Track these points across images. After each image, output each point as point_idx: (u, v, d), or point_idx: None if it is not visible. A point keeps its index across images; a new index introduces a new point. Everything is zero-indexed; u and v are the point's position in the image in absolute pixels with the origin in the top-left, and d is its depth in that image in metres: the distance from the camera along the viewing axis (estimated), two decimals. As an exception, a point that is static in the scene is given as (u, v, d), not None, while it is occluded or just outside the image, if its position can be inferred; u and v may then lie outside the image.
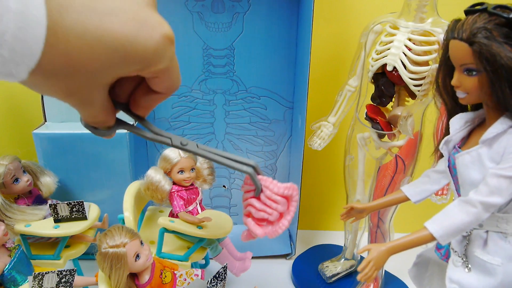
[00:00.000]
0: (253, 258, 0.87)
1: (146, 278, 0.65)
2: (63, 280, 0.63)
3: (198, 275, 0.69)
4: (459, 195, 0.56)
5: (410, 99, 0.73)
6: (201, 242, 0.77)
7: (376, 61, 0.71)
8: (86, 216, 0.78)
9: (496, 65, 0.44)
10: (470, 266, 0.54)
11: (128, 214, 0.74)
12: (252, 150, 1.03)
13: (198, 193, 0.81)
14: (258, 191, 0.41)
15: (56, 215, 0.76)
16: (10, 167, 0.76)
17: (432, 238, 0.50)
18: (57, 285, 0.62)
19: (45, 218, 0.78)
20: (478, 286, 0.52)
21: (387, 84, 0.72)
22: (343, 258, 0.93)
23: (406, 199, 0.63)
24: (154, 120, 0.99)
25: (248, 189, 0.43)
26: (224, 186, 1.06)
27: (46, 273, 0.62)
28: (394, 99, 0.74)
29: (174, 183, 0.79)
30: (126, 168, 0.88)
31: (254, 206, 0.42)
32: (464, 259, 0.54)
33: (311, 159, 1.02)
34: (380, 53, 0.70)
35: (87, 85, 0.25)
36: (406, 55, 0.66)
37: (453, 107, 0.56)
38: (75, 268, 0.64)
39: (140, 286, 0.65)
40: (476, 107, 0.55)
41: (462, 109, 0.56)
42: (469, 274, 0.53)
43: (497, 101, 0.47)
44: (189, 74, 0.94)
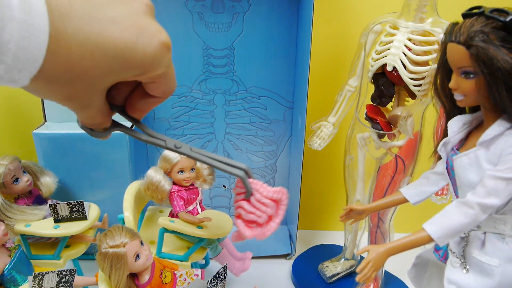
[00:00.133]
0: (253, 258, 0.87)
1: (146, 278, 0.65)
2: (63, 280, 0.63)
3: (198, 275, 0.69)
4: (457, 197, 0.56)
5: (410, 99, 0.73)
6: (201, 242, 0.77)
7: (376, 61, 0.71)
8: (86, 216, 0.78)
9: (493, 68, 0.45)
10: (468, 267, 0.54)
11: (128, 214, 0.74)
12: (252, 150, 1.03)
13: (198, 193, 0.81)
14: (248, 194, 0.43)
15: (56, 215, 0.76)
16: (10, 167, 0.76)
17: (430, 240, 0.51)
18: (57, 285, 0.63)
19: (45, 218, 0.78)
20: (476, 287, 0.52)
21: (387, 84, 0.72)
22: (343, 258, 0.93)
23: (405, 201, 0.63)
24: (154, 120, 0.99)
25: (239, 191, 0.44)
26: (224, 186, 1.07)
27: (46, 273, 0.62)
28: (394, 99, 0.74)
29: (174, 183, 0.79)
30: (126, 168, 0.88)
31: (244, 208, 0.43)
32: (462, 260, 0.54)
33: (311, 159, 1.02)
34: (380, 53, 0.70)
35: (86, 90, 0.25)
36: (406, 55, 0.66)
37: (451, 109, 0.56)
38: (75, 268, 0.65)
39: (140, 286, 0.65)
40: (474, 109, 0.55)
41: (460, 111, 0.56)
42: (467, 275, 0.53)
43: (494, 103, 0.48)
44: (189, 74, 0.95)
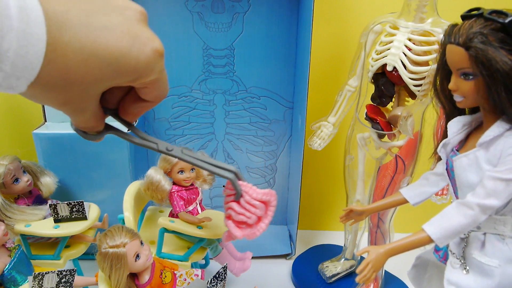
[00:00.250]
0: (253, 258, 0.87)
1: (146, 278, 0.65)
2: (63, 280, 0.63)
3: (198, 275, 0.69)
4: (457, 198, 0.56)
5: (410, 99, 0.73)
6: (201, 242, 0.77)
7: (376, 61, 0.71)
8: (86, 216, 0.78)
9: (492, 69, 0.45)
10: (468, 268, 0.54)
11: (128, 214, 0.74)
12: (252, 150, 1.03)
13: (198, 193, 0.81)
14: (238, 196, 0.44)
15: (56, 215, 0.76)
16: (10, 167, 0.76)
17: (430, 240, 0.51)
18: (57, 285, 0.63)
19: (45, 218, 0.78)
20: (476, 287, 0.52)
21: (387, 84, 0.72)
22: (343, 258, 0.93)
23: (405, 201, 0.63)
24: (154, 120, 0.99)
25: (229, 193, 0.46)
26: (224, 186, 1.06)
27: (46, 273, 0.62)
28: (394, 99, 0.74)
29: (174, 183, 0.79)
30: (126, 168, 0.88)
31: (234, 210, 0.45)
32: (462, 261, 0.54)
33: (311, 159, 1.02)
34: (380, 53, 0.70)
35: (81, 95, 0.26)
36: (406, 55, 0.66)
37: (451, 111, 0.56)
38: (75, 268, 0.65)
39: (140, 286, 0.65)
40: (473, 111, 0.55)
41: (460, 112, 0.56)
42: (467, 276, 0.53)
43: (493, 104, 0.48)
44: (189, 74, 0.94)
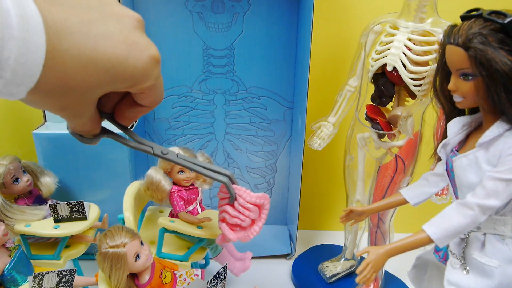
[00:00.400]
0: (253, 258, 0.87)
1: (146, 278, 0.65)
2: (63, 280, 0.63)
3: (198, 275, 0.69)
4: (457, 198, 0.56)
5: (410, 99, 0.73)
6: (201, 242, 0.77)
7: (376, 61, 0.71)
8: (86, 216, 0.78)
9: (491, 69, 0.45)
10: (468, 268, 0.54)
11: (128, 214, 0.74)
12: (252, 150, 1.03)
13: (198, 193, 0.81)
14: (232, 199, 0.44)
15: (56, 215, 0.76)
16: (10, 167, 0.76)
17: (430, 241, 0.51)
18: (57, 285, 0.63)
19: (45, 218, 0.78)
20: (476, 288, 0.52)
21: (387, 84, 0.72)
22: (343, 258, 0.93)
23: (405, 202, 0.63)
24: (154, 120, 0.99)
25: (223, 196, 0.46)
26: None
27: (46, 273, 0.62)
28: (394, 99, 0.74)
29: (174, 183, 0.79)
30: (126, 168, 0.88)
31: (228, 213, 0.45)
32: (462, 261, 0.54)
33: (311, 159, 1.02)
34: (380, 53, 0.70)
35: (79, 101, 0.26)
36: (406, 55, 0.66)
37: (450, 111, 0.56)
38: (75, 268, 0.64)
39: (140, 286, 0.65)
40: (473, 111, 0.55)
41: (460, 112, 0.56)
42: (467, 276, 0.53)
43: (493, 105, 0.48)
44: (189, 74, 0.94)
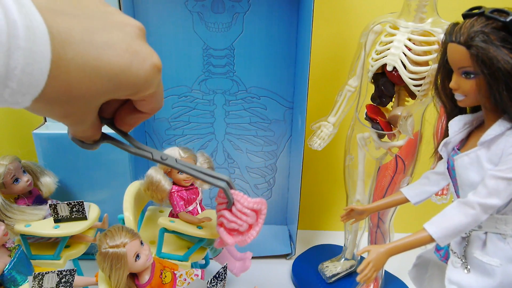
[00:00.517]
0: (253, 258, 0.87)
1: (146, 278, 0.65)
2: (63, 280, 0.63)
3: (198, 275, 0.69)
4: (458, 197, 0.56)
5: (410, 99, 0.73)
6: (201, 242, 0.77)
7: (376, 61, 0.71)
8: (86, 216, 0.78)
9: (493, 68, 0.45)
10: (469, 267, 0.54)
11: (128, 214, 0.74)
12: (252, 150, 1.03)
13: (198, 193, 0.81)
14: (230, 204, 0.45)
15: (56, 215, 0.76)
16: (10, 167, 0.76)
17: (431, 240, 0.51)
18: (57, 285, 0.63)
19: (45, 218, 0.78)
20: (477, 287, 0.52)
21: (387, 84, 0.72)
22: (343, 258, 0.93)
23: (406, 201, 0.63)
24: (154, 120, 0.99)
25: (221, 201, 0.46)
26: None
27: (46, 273, 0.62)
28: (394, 99, 0.74)
29: (174, 183, 0.79)
30: (126, 168, 0.88)
31: (226, 218, 0.46)
32: (463, 260, 0.54)
33: (311, 159, 1.02)
34: (380, 53, 0.70)
35: (82, 108, 0.27)
36: (406, 55, 0.66)
37: (452, 109, 0.56)
38: (75, 268, 0.64)
39: (140, 286, 0.65)
40: (474, 109, 0.55)
41: (461, 111, 0.56)
42: (468, 275, 0.53)
43: (494, 103, 0.48)
44: (189, 74, 0.94)
